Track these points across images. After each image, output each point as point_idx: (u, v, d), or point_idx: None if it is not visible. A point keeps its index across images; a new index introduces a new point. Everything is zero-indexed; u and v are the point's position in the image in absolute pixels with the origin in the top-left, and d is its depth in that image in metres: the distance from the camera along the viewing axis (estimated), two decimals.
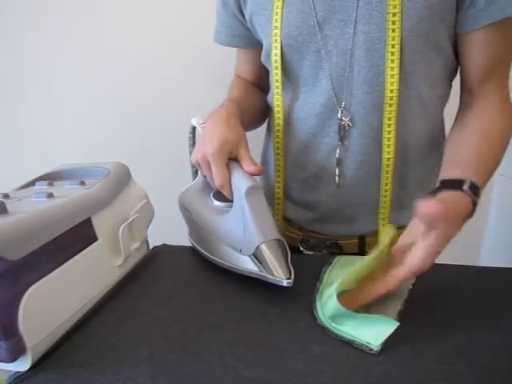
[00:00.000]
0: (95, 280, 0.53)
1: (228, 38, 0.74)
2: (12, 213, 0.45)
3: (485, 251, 1.25)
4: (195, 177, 0.70)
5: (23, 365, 0.42)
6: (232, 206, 0.57)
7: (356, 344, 0.44)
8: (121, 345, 0.45)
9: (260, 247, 0.51)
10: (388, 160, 0.65)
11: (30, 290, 0.41)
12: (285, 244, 0.54)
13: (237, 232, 0.54)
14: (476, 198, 0.52)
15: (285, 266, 0.51)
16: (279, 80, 0.67)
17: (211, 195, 0.63)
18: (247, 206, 0.53)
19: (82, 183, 0.59)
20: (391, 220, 0.70)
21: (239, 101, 0.69)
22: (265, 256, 0.51)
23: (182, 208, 0.67)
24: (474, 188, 0.52)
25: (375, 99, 0.62)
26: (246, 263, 0.53)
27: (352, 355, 0.43)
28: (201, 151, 0.58)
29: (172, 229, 0.69)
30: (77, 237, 0.50)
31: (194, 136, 0.69)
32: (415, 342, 0.44)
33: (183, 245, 0.67)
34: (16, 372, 0.42)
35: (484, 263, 0.59)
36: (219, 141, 0.57)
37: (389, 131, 0.63)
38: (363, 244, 0.73)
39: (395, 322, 0.44)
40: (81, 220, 0.50)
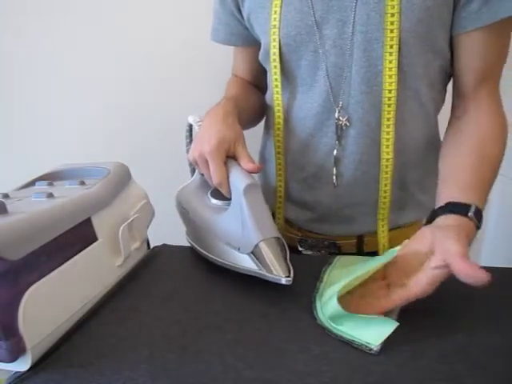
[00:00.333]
0: (95, 280, 0.53)
1: (226, 36, 0.74)
2: (12, 213, 0.45)
3: (485, 251, 1.25)
4: (193, 175, 0.70)
5: (23, 365, 0.42)
6: (230, 204, 0.57)
7: (356, 344, 0.44)
8: (121, 345, 0.45)
9: (259, 245, 0.51)
10: (387, 160, 0.65)
11: (30, 290, 0.41)
12: (283, 242, 0.54)
13: (235, 230, 0.54)
14: (480, 224, 0.53)
15: (284, 264, 0.51)
16: (278, 79, 0.67)
17: (209, 193, 0.62)
18: (245, 204, 0.53)
19: (82, 183, 0.59)
20: (390, 220, 0.70)
21: (236, 99, 0.68)
22: (263, 254, 0.51)
23: (179, 206, 0.67)
24: (478, 213, 0.53)
25: (373, 99, 0.62)
26: (245, 261, 0.52)
27: (352, 355, 0.43)
28: (198, 149, 0.57)
29: (172, 229, 0.68)
30: (77, 237, 0.50)
31: (191, 134, 0.68)
32: (415, 342, 0.44)
33: (183, 245, 0.67)
34: (16, 372, 0.42)
35: (484, 263, 0.59)
36: (217, 139, 0.56)
37: (387, 131, 0.63)
38: (361, 244, 0.73)
39: (395, 323, 0.44)
40: (81, 220, 0.50)
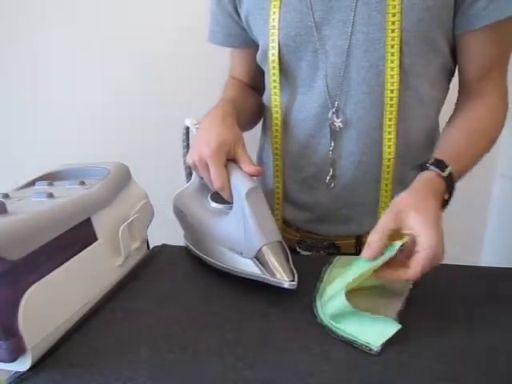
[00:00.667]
0: (95, 280, 0.53)
1: (224, 38, 0.73)
2: (12, 213, 0.45)
3: (485, 251, 1.25)
4: (189, 178, 0.69)
5: (23, 365, 0.42)
6: (231, 208, 0.56)
7: (356, 344, 0.44)
8: (121, 345, 0.45)
9: (262, 249, 0.51)
10: (389, 160, 0.65)
11: (30, 290, 0.41)
12: (285, 246, 0.54)
13: (237, 234, 0.53)
14: (440, 172, 0.55)
15: (288, 268, 0.50)
16: (277, 80, 0.67)
17: (208, 197, 0.62)
18: (248, 208, 0.52)
19: (82, 183, 0.59)
20: None
21: (234, 101, 0.68)
22: (267, 258, 0.50)
23: (177, 210, 0.66)
24: (439, 163, 0.55)
25: (374, 99, 0.62)
26: (248, 266, 0.52)
27: (352, 355, 0.43)
28: (197, 153, 0.56)
29: (172, 229, 0.68)
30: (77, 237, 0.50)
31: (188, 137, 0.68)
32: (415, 342, 0.44)
33: (183, 245, 0.67)
34: (16, 372, 0.42)
35: (484, 263, 0.59)
36: (217, 142, 0.55)
37: (389, 131, 0.63)
38: (360, 244, 0.73)
39: (397, 325, 0.44)
40: (81, 220, 0.50)
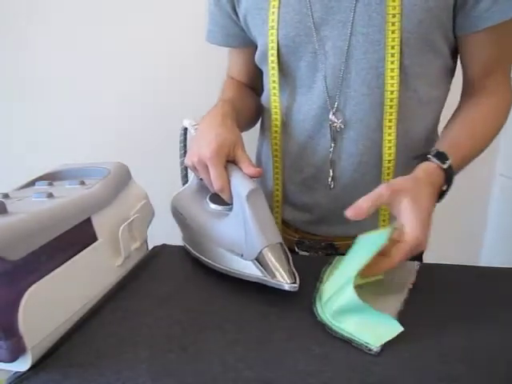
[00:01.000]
0: (95, 280, 0.53)
1: (222, 38, 0.73)
2: (12, 213, 0.45)
3: (485, 251, 1.25)
4: (185, 180, 0.69)
5: (23, 365, 0.42)
6: (230, 210, 0.56)
7: (356, 344, 0.44)
8: (121, 345, 0.45)
9: (263, 251, 0.51)
10: (389, 162, 0.65)
11: (30, 290, 0.41)
12: (285, 248, 0.53)
13: (238, 236, 0.53)
14: (440, 164, 0.56)
15: (289, 270, 0.50)
16: (276, 81, 0.66)
17: (207, 198, 0.61)
18: (249, 210, 0.52)
19: (82, 183, 0.58)
20: (391, 221, 0.70)
21: (233, 101, 0.68)
22: (268, 260, 0.50)
23: (176, 212, 0.66)
24: (441, 155, 0.57)
25: (374, 100, 0.62)
26: (249, 268, 0.52)
27: (352, 355, 0.43)
28: (197, 154, 0.56)
29: (172, 229, 0.68)
30: (77, 237, 0.50)
31: (186, 138, 0.67)
32: (415, 342, 0.44)
33: (183, 245, 0.67)
34: (16, 372, 0.42)
35: (484, 263, 0.59)
36: (216, 143, 0.55)
37: (389, 132, 0.63)
38: None
39: (399, 327, 0.44)
40: (81, 220, 0.50)
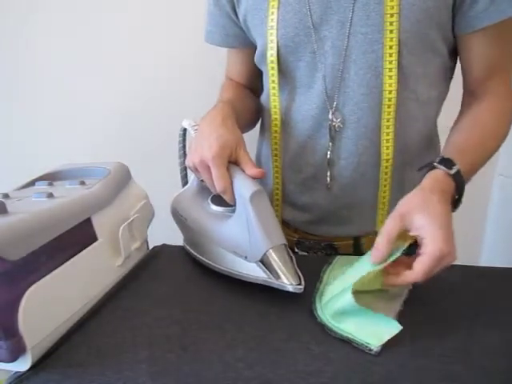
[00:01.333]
0: (95, 280, 0.53)
1: (222, 38, 0.73)
2: (12, 213, 0.45)
3: (485, 251, 1.25)
4: (184, 181, 0.69)
5: (23, 365, 0.42)
6: (232, 211, 0.56)
7: (356, 344, 0.44)
8: (121, 345, 0.45)
9: (267, 253, 0.50)
10: (387, 162, 0.65)
11: (30, 290, 0.41)
12: (289, 249, 0.53)
13: (241, 238, 0.53)
14: (447, 170, 0.54)
15: (293, 272, 0.50)
16: (276, 81, 0.66)
17: (209, 200, 0.61)
18: (252, 211, 0.51)
19: (82, 183, 0.59)
20: None
21: (233, 103, 0.67)
22: (272, 262, 0.50)
23: (176, 214, 0.65)
24: (446, 161, 0.55)
25: (372, 100, 0.62)
26: (253, 270, 0.51)
27: (352, 355, 0.43)
28: (199, 155, 0.55)
29: (172, 229, 0.68)
30: (77, 237, 0.50)
31: (185, 139, 0.67)
32: (415, 342, 0.44)
33: (183, 245, 0.67)
34: (16, 372, 0.42)
35: (484, 263, 0.59)
36: (218, 144, 0.54)
37: (387, 132, 0.63)
38: (358, 245, 0.73)
39: (398, 326, 0.44)
40: (81, 220, 0.50)
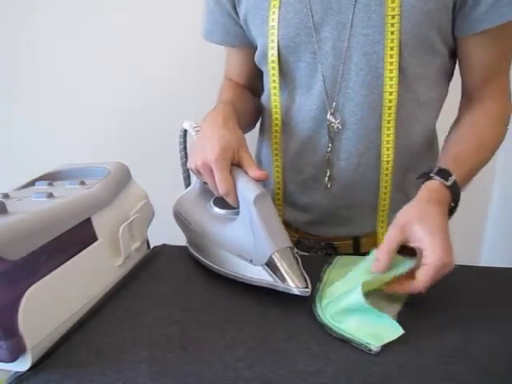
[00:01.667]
0: (95, 280, 0.53)
1: (222, 37, 0.72)
2: (12, 213, 0.45)
3: (485, 251, 1.25)
4: (187, 182, 0.68)
5: (23, 365, 0.42)
6: (235, 213, 0.55)
7: (356, 344, 0.44)
8: (121, 345, 0.45)
9: (273, 256, 0.50)
10: (387, 163, 0.65)
11: (30, 290, 0.41)
12: (294, 251, 0.52)
13: (246, 241, 0.52)
14: (443, 181, 0.54)
15: (300, 275, 0.50)
16: (276, 81, 0.66)
17: (211, 202, 0.61)
18: (257, 215, 0.51)
19: (82, 183, 0.59)
20: (389, 221, 0.70)
21: (233, 103, 0.67)
22: (278, 265, 0.50)
23: (179, 217, 0.64)
24: (443, 172, 0.55)
25: (373, 101, 0.62)
26: (258, 273, 0.51)
27: (352, 355, 0.43)
28: (201, 157, 0.55)
29: (172, 229, 0.68)
30: (77, 237, 0.50)
31: (185, 140, 0.67)
32: (415, 342, 0.44)
33: (183, 245, 0.67)
34: (16, 372, 0.42)
35: (484, 263, 0.59)
36: (221, 146, 0.54)
37: (388, 134, 0.63)
38: (358, 245, 0.73)
39: (400, 330, 0.44)
40: (81, 220, 0.50)
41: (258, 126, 0.80)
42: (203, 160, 0.54)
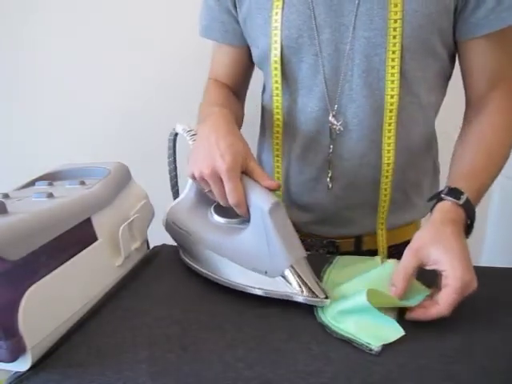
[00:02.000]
0: (95, 280, 0.53)
1: (221, 34, 0.72)
2: (12, 213, 0.45)
3: (485, 251, 1.25)
4: (175, 189, 0.66)
5: (23, 365, 0.42)
6: (239, 223, 0.54)
7: (356, 344, 0.44)
8: (121, 345, 0.45)
9: (289, 268, 0.49)
10: (388, 165, 0.65)
11: (30, 290, 0.41)
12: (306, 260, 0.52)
13: (260, 252, 0.50)
14: (455, 201, 0.52)
15: (317, 285, 0.49)
16: (279, 81, 0.66)
17: (212, 210, 0.58)
18: (272, 225, 0.49)
19: (82, 183, 0.59)
20: (389, 222, 0.70)
21: (229, 107, 0.65)
22: (295, 276, 0.49)
23: (173, 227, 0.61)
24: (454, 191, 0.53)
25: (374, 103, 0.62)
26: (275, 285, 0.50)
27: (352, 355, 0.43)
28: (209, 166, 0.51)
29: None
30: (77, 237, 0.50)
31: (175, 145, 0.64)
32: (415, 342, 0.44)
33: None
34: (16, 372, 0.42)
35: (484, 263, 0.59)
36: (232, 154, 0.51)
37: (389, 136, 0.63)
38: (359, 243, 0.73)
39: (401, 331, 0.44)
40: (81, 220, 0.50)
41: (258, 127, 0.80)
42: (212, 168, 0.51)
